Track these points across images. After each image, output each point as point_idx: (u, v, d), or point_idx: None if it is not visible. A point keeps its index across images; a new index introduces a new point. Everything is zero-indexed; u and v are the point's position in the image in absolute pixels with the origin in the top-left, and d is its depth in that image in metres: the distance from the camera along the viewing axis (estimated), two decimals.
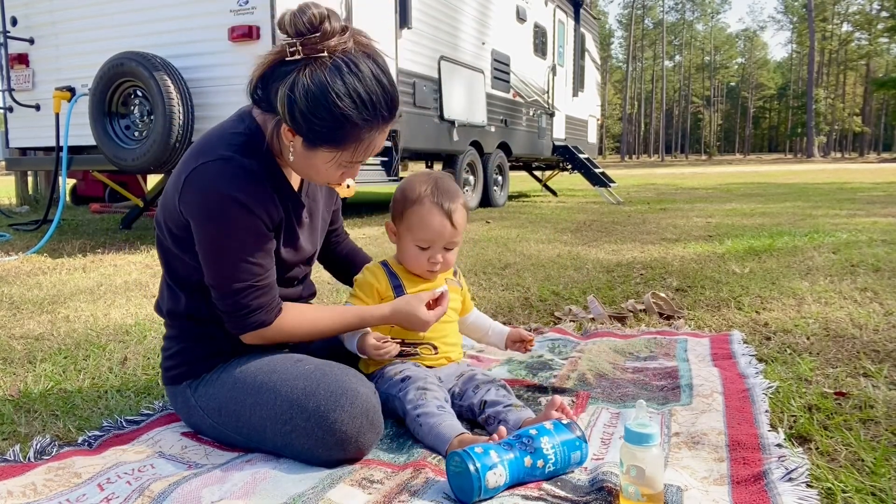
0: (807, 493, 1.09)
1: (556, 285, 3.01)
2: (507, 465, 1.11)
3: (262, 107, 1.25)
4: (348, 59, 1.16)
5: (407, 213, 1.50)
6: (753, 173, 21.38)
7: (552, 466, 1.15)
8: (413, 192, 1.50)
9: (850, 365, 1.79)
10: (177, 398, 1.39)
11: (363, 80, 1.16)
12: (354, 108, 1.16)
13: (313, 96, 1.14)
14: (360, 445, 1.22)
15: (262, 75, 1.21)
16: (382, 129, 1.23)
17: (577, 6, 11.02)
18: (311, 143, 1.20)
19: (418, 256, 1.51)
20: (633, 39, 70.52)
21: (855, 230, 4.84)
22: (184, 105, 4.38)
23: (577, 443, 1.18)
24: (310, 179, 1.33)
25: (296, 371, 1.28)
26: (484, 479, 1.07)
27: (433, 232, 1.48)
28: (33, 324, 2.41)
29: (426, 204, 1.48)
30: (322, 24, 1.15)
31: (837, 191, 10.32)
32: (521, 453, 1.14)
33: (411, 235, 1.50)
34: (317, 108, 1.15)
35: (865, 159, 47.92)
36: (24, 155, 6.05)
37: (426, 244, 1.50)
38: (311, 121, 1.16)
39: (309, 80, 1.14)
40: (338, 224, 1.70)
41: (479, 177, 7.82)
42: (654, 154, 73.65)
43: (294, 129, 1.19)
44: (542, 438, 1.16)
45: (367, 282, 1.55)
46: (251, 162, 1.25)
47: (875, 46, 65.61)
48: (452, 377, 1.50)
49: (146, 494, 1.09)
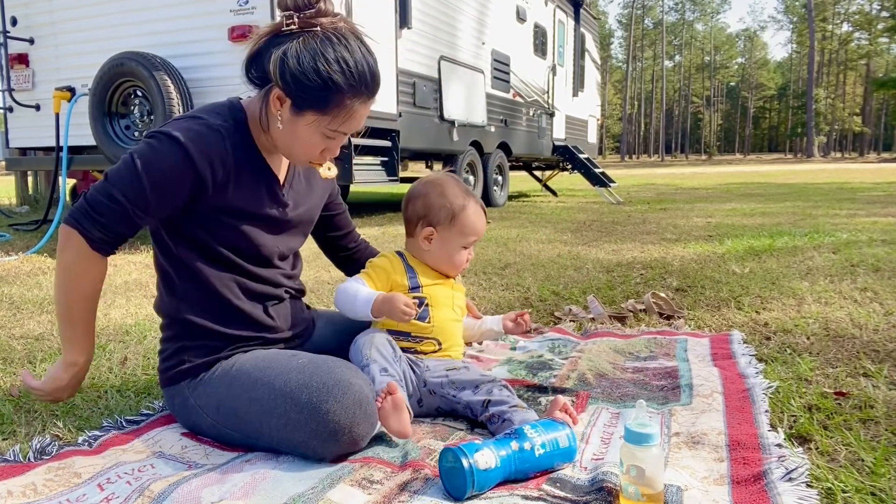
0: (807, 493, 1.09)
1: (556, 285, 3.01)
2: (494, 447, 1.13)
3: (255, 82, 1.32)
4: (339, 34, 1.26)
5: (460, 218, 1.58)
6: (753, 173, 21.38)
7: (541, 449, 1.16)
8: (458, 199, 1.59)
9: (850, 365, 1.79)
10: (175, 399, 1.39)
11: (352, 52, 1.26)
12: (342, 73, 1.24)
13: (305, 59, 1.23)
14: (355, 436, 1.22)
15: (258, 50, 1.28)
16: (365, 102, 1.31)
17: (577, 6, 11.02)
18: (298, 106, 1.27)
19: (460, 255, 1.60)
20: (632, 39, 70.53)
21: (855, 230, 4.84)
22: (184, 105, 4.38)
23: (559, 427, 1.21)
24: (292, 157, 1.37)
25: (290, 365, 1.29)
26: (473, 458, 1.08)
27: (481, 230, 1.62)
28: (33, 324, 2.41)
29: (473, 206, 1.60)
30: (318, 2, 1.26)
31: (837, 191, 10.32)
32: (506, 438, 1.17)
33: (462, 238, 1.59)
34: (307, 70, 1.23)
35: (865, 159, 47.93)
36: (24, 155, 6.05)
37: (470, 244, 1.61)
38: (300, 82, 1.24)
39: (302, 46, 1.24)
40: (348, 229, 1.71)
41: (478, 177, 7.82)
42: (654, 154, 73.66)
43: (284, 90, 1.26)
44: (524, 427, 1.20)
45: (381, 266, 1.57)
46: (220, 122, 1.31)
47: (875, 46, 65.62)
48: (441, 368, 1.48)
49: (146, 494, 1.09)
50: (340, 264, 1.79)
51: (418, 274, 1.56)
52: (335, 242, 1.71)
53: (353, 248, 1.74)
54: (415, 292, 1.54)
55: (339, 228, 1.69)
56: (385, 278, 1.55)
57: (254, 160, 1.36)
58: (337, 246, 1.72)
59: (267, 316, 1.43)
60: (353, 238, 1.75)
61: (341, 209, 1.69)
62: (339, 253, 1.76)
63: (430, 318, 1.53)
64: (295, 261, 1.55)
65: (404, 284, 1.54)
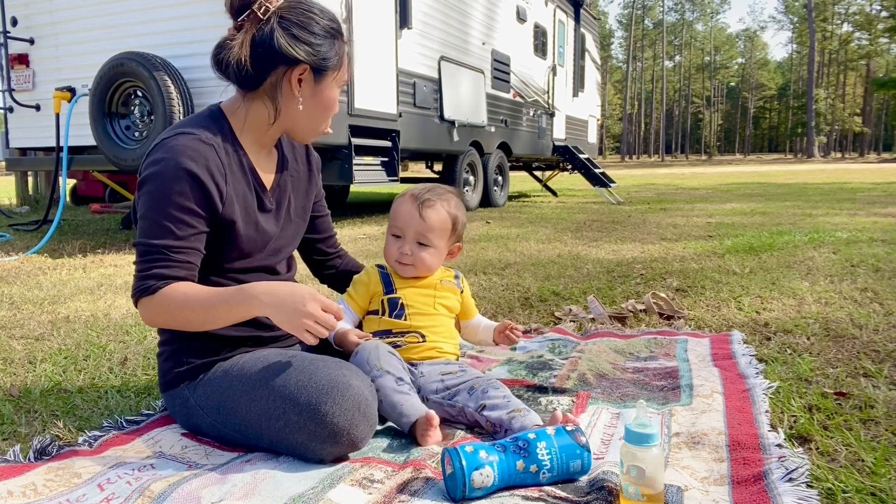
0: (807, 493, 1.09)
1: (556, 285, 3.01)
2: (496, 467, 1.10)
3: (251, 85, 1.33)
4: (291, 4, 1.32)
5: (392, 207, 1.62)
6: (753, 173, 21.38)
7: (548, 473, 1.13)
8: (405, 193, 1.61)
9: (850, 365, 1.79)
10: (175, 401, 1.39)
11: (313, 5, 1.34)
12: (332, 21, 1.35)
13: (302, 13, 1.30)
14: (353, 438, 1.22)
15: (252, 53, 1.29)
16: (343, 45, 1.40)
17: (577, 6, 11.02)
18: (319, 71, 1.33)
19: (391, 246, 1.59)
20: (633, 39, 70.54)
21: (855, 230, 4.84)
22: (184, 105, 4.38)
23: (578, 451, 1.14)
24: (315, 132, 1.42)
25: (289, 366, 1.29)
26: (469, 478, 1.07)
27: (398, 220, 1.57)
28: (33, 324, 2.41)
29: (405, 196, 1.59)
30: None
31: (837, 191, 10.32)
32: (514, 456, 1.12)
33: (389, 224, 1.61)
34: (310, 23, 1.31)
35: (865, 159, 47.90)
36: (24, 155, 6.06)
37: (398, 232, 1.57)
38: (311, 41, 1.31)
39: (287, 10, 1.30)
40: (329, 233, 1.70)
41: (479, 177, 7.82)
42: (655, 154, 73.66)
43: (303, 56, 1.30)
44: (538, 443, 1.14)
45: (360, 281, 1.62)
46: (210, 136, 1.31)
47: (875, 46, 65.58)
48: (436, 373, 1.48)
49: (146, 495, 1.09)
50: (325, 280, 1.77)
51: (394, 280, 1.60)
52: (314, 245, 1.68)
53: (332, 253, 1.72)
54: (390, 295, 1.58)
55: (320, 231, 1.68)
56: (364, 292, 1.61)
57: (245, 168, 1.37)
58: (315, 249, 1.68)
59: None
60: (333, 244, 1.73)
61: (324, 212, 1.68)
62: (316, 257, 1.70)
63: (406, 316, 1.56)
64: (290, 262, 1.56)
65: (381, 291, 1.59)
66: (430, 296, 1.59)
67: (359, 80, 5.18)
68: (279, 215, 1.45)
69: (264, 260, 1.44)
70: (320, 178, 1.64)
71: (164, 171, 1.25)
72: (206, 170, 1.27)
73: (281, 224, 1.46)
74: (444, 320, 1.61)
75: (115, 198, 8.14)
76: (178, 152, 1.25)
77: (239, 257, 1.38)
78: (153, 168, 1.26)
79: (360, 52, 5.23)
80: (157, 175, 1.26)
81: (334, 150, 5.14)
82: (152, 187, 1.26)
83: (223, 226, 1.33)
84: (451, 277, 1.65)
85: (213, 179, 1.28)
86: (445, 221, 1.57)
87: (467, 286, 1.72)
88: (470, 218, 6.63)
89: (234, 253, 1.37)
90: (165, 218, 1.25)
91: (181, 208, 1.25)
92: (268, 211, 1.42)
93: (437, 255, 1.58)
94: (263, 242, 1.41)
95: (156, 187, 1.25)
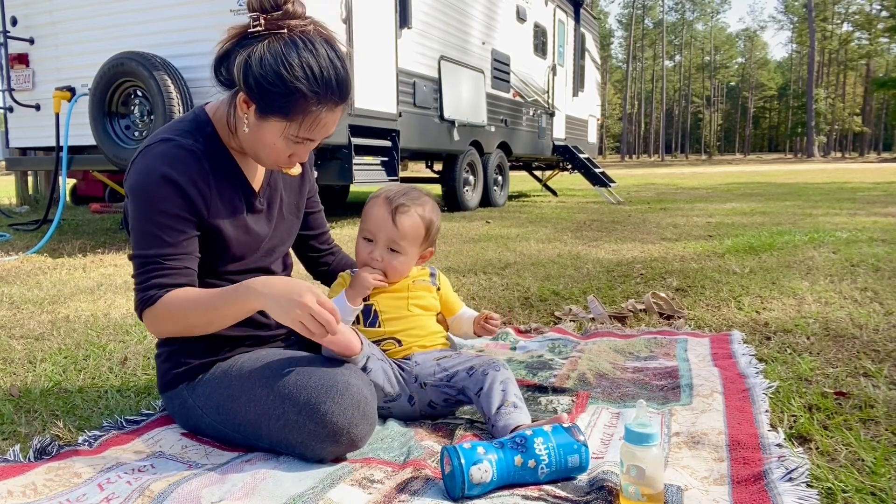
0: (807, 492, 1.09)
1: (556, 285, 3.01)
2: (494, 463, 1.11)
3: (224, 83, 1.30)
4: (306, 38, 1.22)
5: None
6: (753, 173, 21.38)
7: (546, 469, 1.13)
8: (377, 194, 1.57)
9: (850, 365, 1.79)
10: (174, 402, 1.39)
11: (317, 57, 1.21)
12: (305, 79, 1.20)
13: (268, 63, 1.19)
14: (353, 437, 1.22)
15: (226, 51, 1.26)
16: (333, 109, 1.25)
17: (577, 6, 11.02)
18: (263, 111, 1.23)
19: (361, 249, 1.54)
20: (633, 39, 70.53)
21: (855, 230, 4.84)
22: (184, 105, 4.38)
23: (576, 446, 1.15)
24: (259, 161, 1.34)
25: (288, 365, 1.29)
26: (468, 473, 1.07)
27: (373, 223, 1.51)
28: (33, 324, 2.41)
29: (378, 198, 1.54)
30: (286, 4, 1.21)
31: (837, 190, 10.32)
32: (511, 452, 1.13)
33: (361, 226, 1.56)
34: (269, 75, 1.19)
35: (865, 159, 47.91)
36: (24, 155, 6.05)
37: (369, 236, 1.52)
38: (263, 87, 1.20)
39: (266, 49, 1.20)
40: (322, 229, 1.69)
41: (479, 177, 7.82)
42: (654, 154, 73.63)
43: (248, 95, 1.23)
44: (536, 439, 1.15)
45: (336, 283, 1.59)
46: (191, 142, 1.30)
47: (875, 46, 65.59)
48: (431, 359, 1.47)
49: (146, 494, 1.09)
50: (318, 277, 1.77)
51: None
52: (308, 241, 1.67)
53: (325, 250, 1.71)
54: (364, 302, 1.54)
55: (314, 228, 1.67)
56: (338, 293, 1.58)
57: (230, 172, 1.36)
58: (309, 245, 1.68)
59: (261, 314, 1.42)
60: (327, 240, 1.73)
61: (318, 208, 1.68)
62: (310, 253, 1.71)
63: (379, 323, 1.53)
64: (285, 261, 1.56)
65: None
66: (402, 298, 1.56)
67: (359, 79, 5.17)
68: (271, 215, 1.45)
69: (259, 261, 1.44)
70: (314, 174, 1.62)
71: (145, 181, 1.26)
72: (187, 176, 1.26)
73: (273, 224, 1.45)
74: (422, 320, 1.58)
75: (115, 197, 8.14)
76: (158, 161, 1.26)
77: (232, 260, 1.38)
78: (135, 178, 1.27)
79: (360, 52, 5.23)
80: (139, 185, 1.26)
81: (334, 149, 5.14)
82: (137, 199, 1.27)
83: (211, 231, 1.33)
84: (425, 276, 1.61)
85: (196, 186, 1.28)
86: (419, 228, 1.52)
87: (446, 282, 1.67)
88: (470, 218, 6.64)
89: (227, 256, 1.37)
90: (154, 227, 1.25)
91: (168, 215, 1.25)
92: (258, 212, 1.41)
93: (407, 262, 1.54)
94: (255, 244, 1.41)
95: (140, 199, 1.26)
